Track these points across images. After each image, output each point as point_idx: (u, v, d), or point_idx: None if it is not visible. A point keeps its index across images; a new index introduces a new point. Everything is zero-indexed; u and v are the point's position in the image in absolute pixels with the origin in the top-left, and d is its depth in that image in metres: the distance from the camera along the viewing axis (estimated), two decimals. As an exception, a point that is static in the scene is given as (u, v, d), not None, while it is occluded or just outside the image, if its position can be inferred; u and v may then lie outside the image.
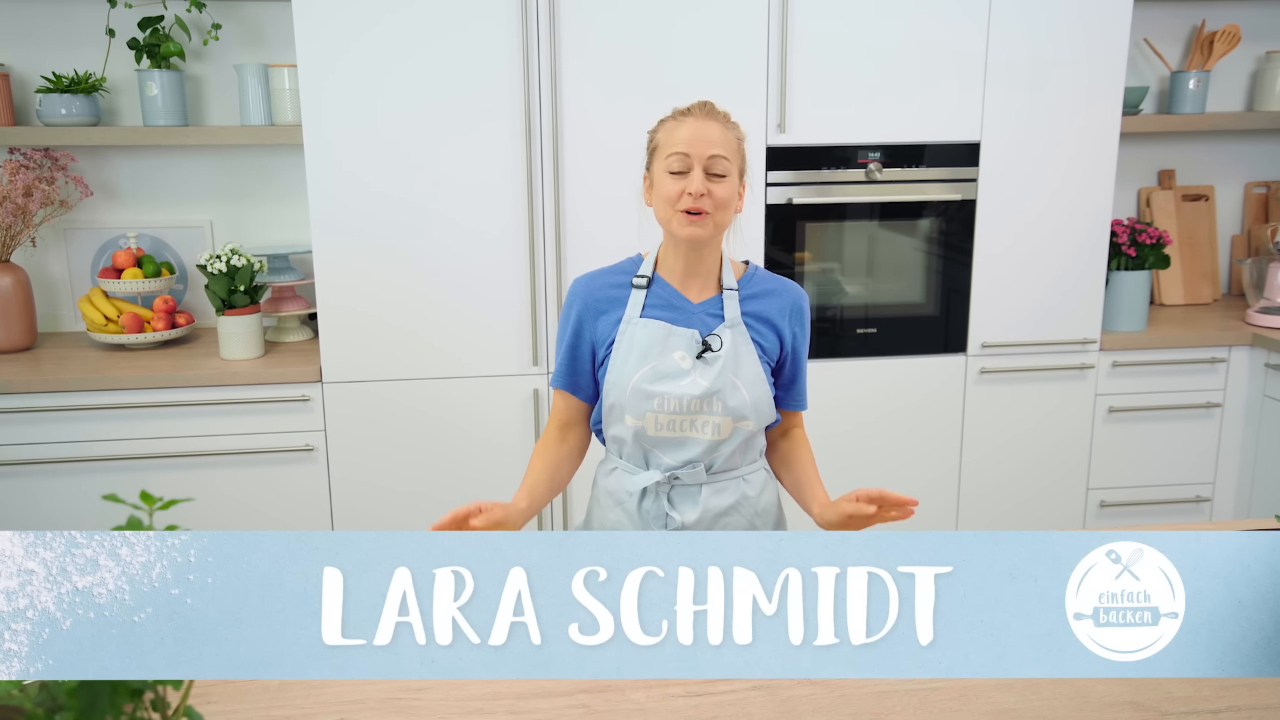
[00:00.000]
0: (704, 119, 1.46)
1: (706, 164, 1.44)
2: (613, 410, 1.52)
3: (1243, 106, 3.18)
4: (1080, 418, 2.75)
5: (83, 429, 2.40)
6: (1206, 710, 1.06)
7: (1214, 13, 3.08)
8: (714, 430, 1.49)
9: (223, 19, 2.73)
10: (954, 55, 2.51)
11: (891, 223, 2.61)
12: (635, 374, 1.48)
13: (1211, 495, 2.87)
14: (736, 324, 1.51)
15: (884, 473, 2.68)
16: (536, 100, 2.38)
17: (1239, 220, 3.28)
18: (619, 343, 1.51)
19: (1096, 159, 2.62)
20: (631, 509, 1.54)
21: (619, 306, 1.53)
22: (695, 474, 1.51)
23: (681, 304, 1.52)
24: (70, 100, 2.61)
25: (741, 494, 1.56)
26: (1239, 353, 2.79)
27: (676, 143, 1.45)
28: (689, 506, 1.53)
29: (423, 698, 1.10)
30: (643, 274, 1.54)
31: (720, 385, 1.48)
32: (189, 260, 2.87)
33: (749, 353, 1.51)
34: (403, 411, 2.49)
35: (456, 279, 2.46)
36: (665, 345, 1.49)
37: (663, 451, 1.51)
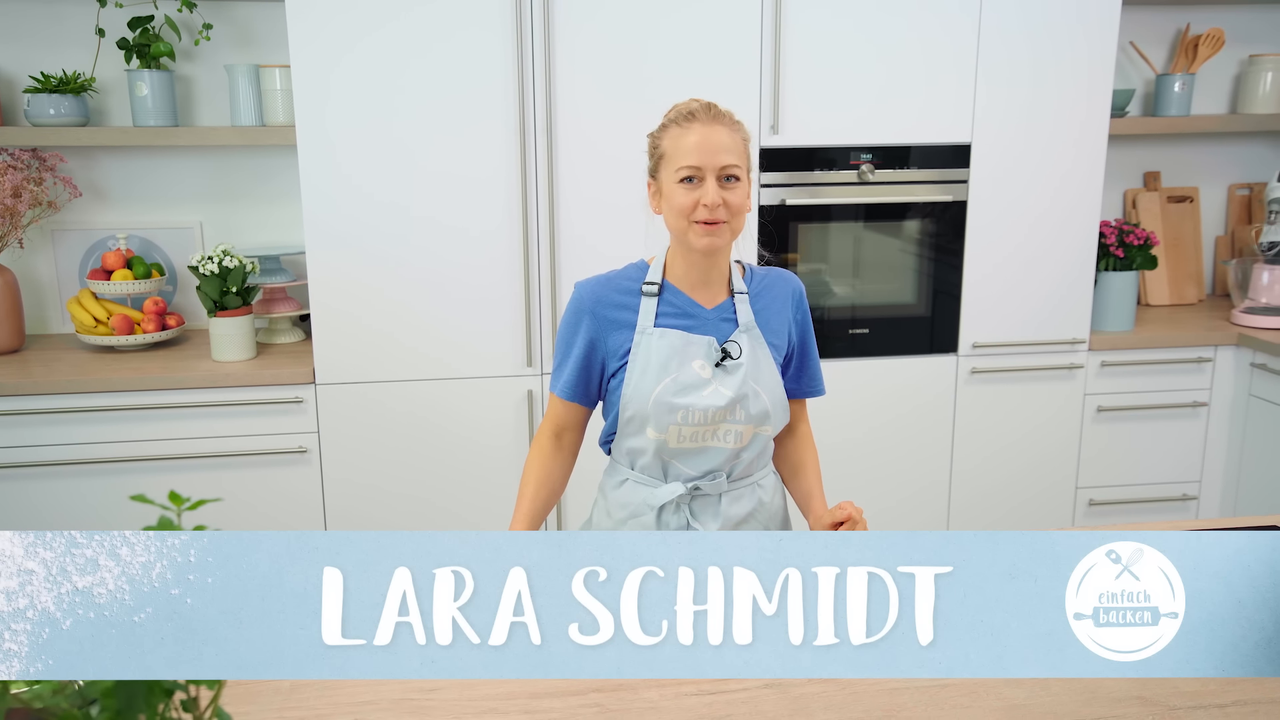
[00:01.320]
0: (711, 124, 1.42)
1: (719, 172, 1.41)
2: (631, 423, 1.48)
3: (1226, 109, 3.21)
4: (1069, 417, 2.77)
5: (73, 432, 2.39)
6: (1214, 704, 1.08)
7: (1198, 16, 3.11)
8: (735, 438, 1.47)
9: (214, 19, 2.72)
10: (945, 58, 2.52)
11: (883, 224, 2.62)
12: (657, 386, 1.44)
13: (1198, 493, 2.90)
14: (751, 328, 1.49)
15: (878, 471, 2.70)
16: (530, 100, 2.39)
17: (1223, 221, 3.31)
18: (635, 354, 1.47)
19: (1085, 161, 2.64)
20: (649, 522, 1.50)
21: (630, 315, 1.49)
22: (717, 484, 1.49)
23: (695, 311, 1.49)
24: (59, 100, 2.59)
25: (758, 500, 1.54)
26: (1225, 352, 2.82)
27: (686, 153, 1.40)
28: (710, 517, 1.50)
29: (435, 698, 1.10)
30: (653, 280, 1.50)
31: (744, 393, 1.45)
32: (178, 262, 2.86)
33: (765, 357, 1.49)
34: (396, 413, 2.49)
35: (450, 281, 2.46)
36: (684, 355, 1.45)
37: (683, 462, 1.48)
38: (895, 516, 2.71)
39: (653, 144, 1.49)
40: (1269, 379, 2.71)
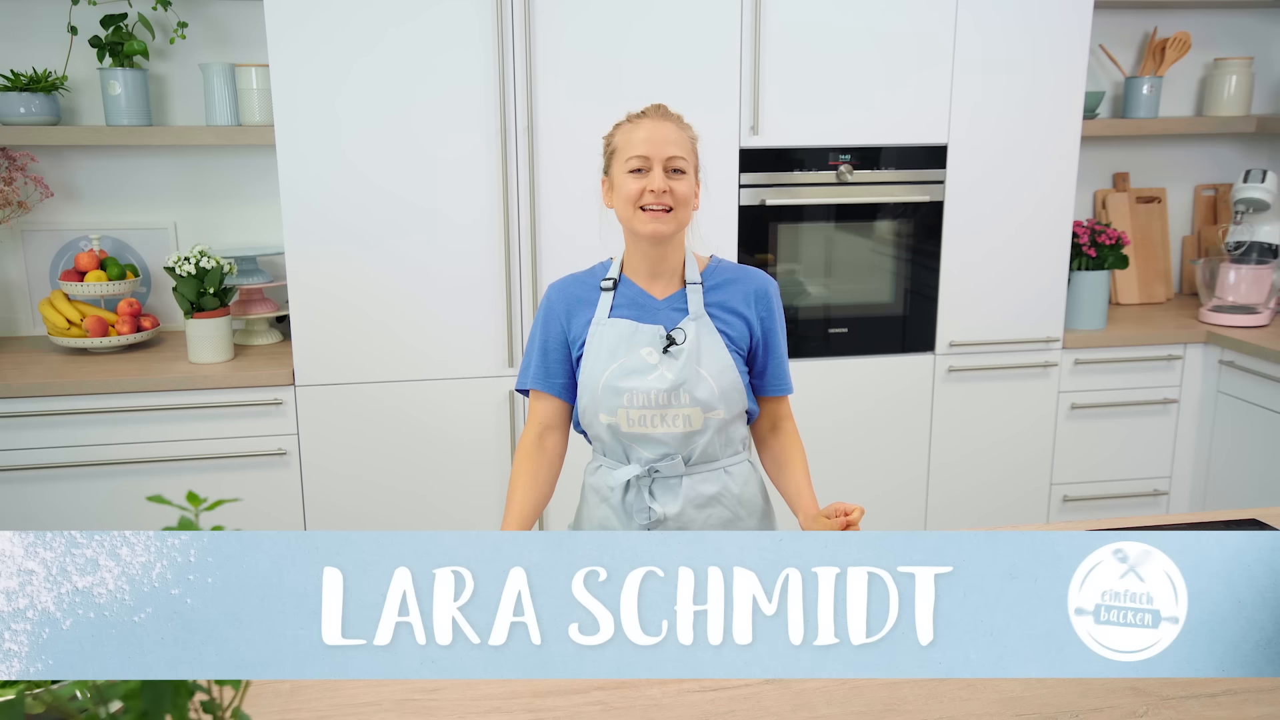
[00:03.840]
0: (659, 120, 1.52)
1: (665, 163, 1.49)
2: (587, 410, 1.56)
3: (1193, 111, 3.28)
4: (1044, 414, 2.81)
5: (47, 435, 2.35)
6: (1205, 694, 1.11)
7: (1166, 20, 3.17)
8: (685, 422, 1.53)
9: (188, 17, 2.69)
10: (922, 61, 2.55)
11: (861, 224, 2.65)
12: (604, 372, 1.53)
13: (1169, 489, 2.96)
14: (700, 316, 1.55)
15: (857, 468, 2.73)
16: (511, 100, 2.39)
17: (1189, 221, 3.38)
18: (589, 344, 1.56)
19: (1059, 162, 2.68)
20: (616, 503, 1.58)
21: (592, 309, 1.57)
22: (674, 466, 1.55)
23: (646, 301, 1.56)
24: (29, 99, 2.55)
25: (723, 485, 1.59)
26: (1194, 350, 2.88)
27: (635, 144, 1.50)
28: (670, 498, 1.56)
29: (438, 697, 1.10)
30: (609, 276, 1.58)
31: (685, 377, 1.51)
32: (152, 262, 2.82)
33: (714, 343, 1.54)
34: (377, 414, 2.48)
35: (431, 281, 2.45)
36: (632, 342, 1.53)
37: (640, 446, 1.55)
38: (874, 512, 2.74)
39: (606, 143, 1.58)
40: (1237, 376, 2.78)
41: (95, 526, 2.39)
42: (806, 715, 1.06)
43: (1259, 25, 3.24)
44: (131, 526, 2.42)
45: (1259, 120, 3.06)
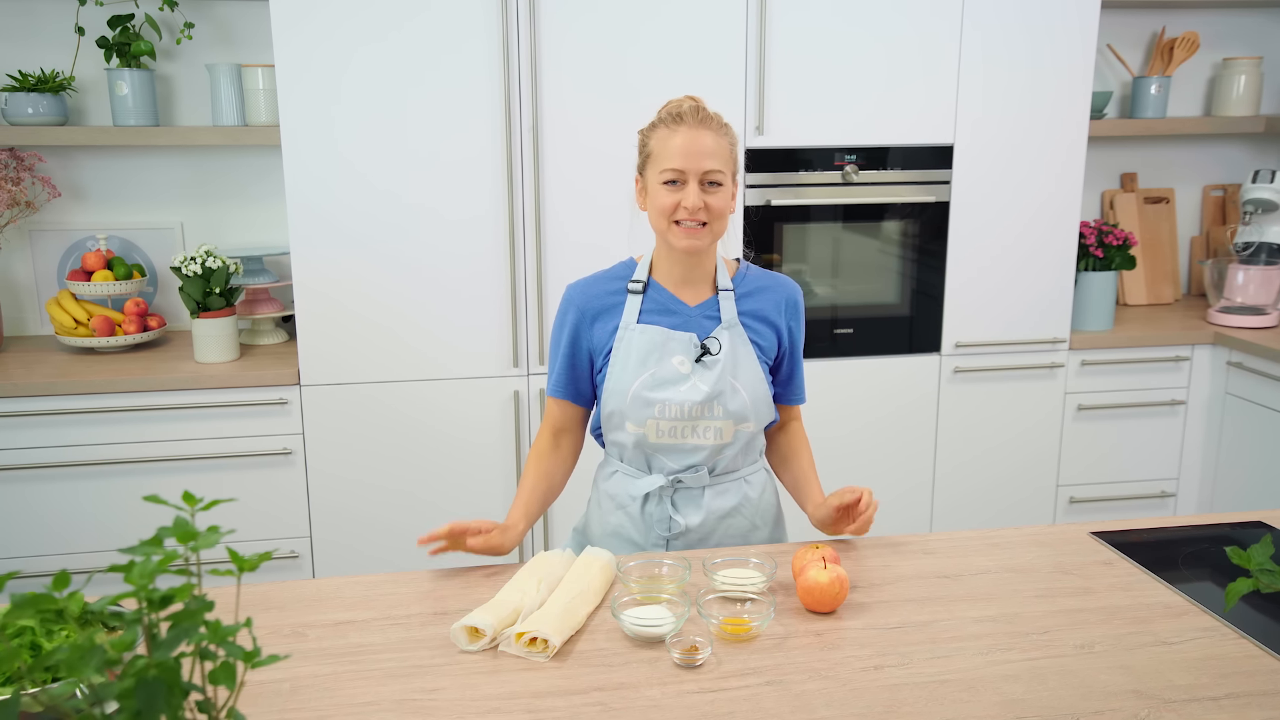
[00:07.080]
0: (697, 127, 1.44)
1: (701, 176, 1.43)
2: (612, 417, 1.51)
3: (1201, 111, 3.26)
4: (1050, 415, 2.80)
5: (53, 434, 2.36)
6: (1207, 698, 1.09)
7: (1174, 20, 3.15)
8: (716, 435, 1.49)
9: (195, 18, 2.70)
10: (928, 61, 2.55)
11: (867, 224, 2.64)
12: (635, 381, 1.47)
13: (1176, 490, 2.94)
14: (734, 325, 1.51)
15: (863, 469, 2.72)
16: (517, 99, 2.39)
17: (1198, 222, 3.36)
18: (617, 349, 1.50)
19: (1066, 162, 2.67)
20: (634, 513, 1.54)
21: (615, 312, 1.52)
22: (698, 478, 1.51)
23: (678, 308, 1.51)
24: (37, 99, 2.56)
25: (743, 495, 1.56)
26: (1201, 351, 2.86)
27: (671, 155, 1.43)
28: (692, 510, 1.53)
29: (438, 698, 1.09)
30: (638, 279, 1.52)
31: (721, 389, 1.47)
32: (159, 262, 2.83)
33: (747, 354, 1.51)
34: (382, 414, 2.48)
35: (436, 281, 2.45)
36: (664, 351, 1.48)
37: (665, 457, 1.51)
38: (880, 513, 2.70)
39: (642, 141, 1.51)
40: (1245, 377, 2.76)
41: (98, 525, 2.41)
42: (806, 716, 1.06)
43: (1268, 25, 3.23)
44: (133, 525, 2.43)
45: (1268, 120, 3.05)
